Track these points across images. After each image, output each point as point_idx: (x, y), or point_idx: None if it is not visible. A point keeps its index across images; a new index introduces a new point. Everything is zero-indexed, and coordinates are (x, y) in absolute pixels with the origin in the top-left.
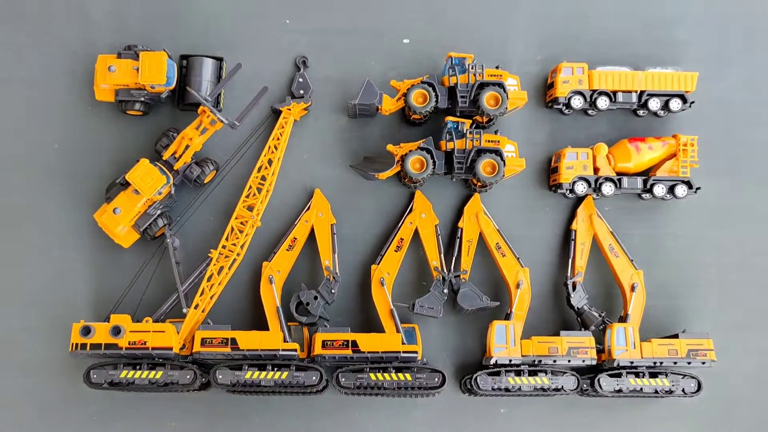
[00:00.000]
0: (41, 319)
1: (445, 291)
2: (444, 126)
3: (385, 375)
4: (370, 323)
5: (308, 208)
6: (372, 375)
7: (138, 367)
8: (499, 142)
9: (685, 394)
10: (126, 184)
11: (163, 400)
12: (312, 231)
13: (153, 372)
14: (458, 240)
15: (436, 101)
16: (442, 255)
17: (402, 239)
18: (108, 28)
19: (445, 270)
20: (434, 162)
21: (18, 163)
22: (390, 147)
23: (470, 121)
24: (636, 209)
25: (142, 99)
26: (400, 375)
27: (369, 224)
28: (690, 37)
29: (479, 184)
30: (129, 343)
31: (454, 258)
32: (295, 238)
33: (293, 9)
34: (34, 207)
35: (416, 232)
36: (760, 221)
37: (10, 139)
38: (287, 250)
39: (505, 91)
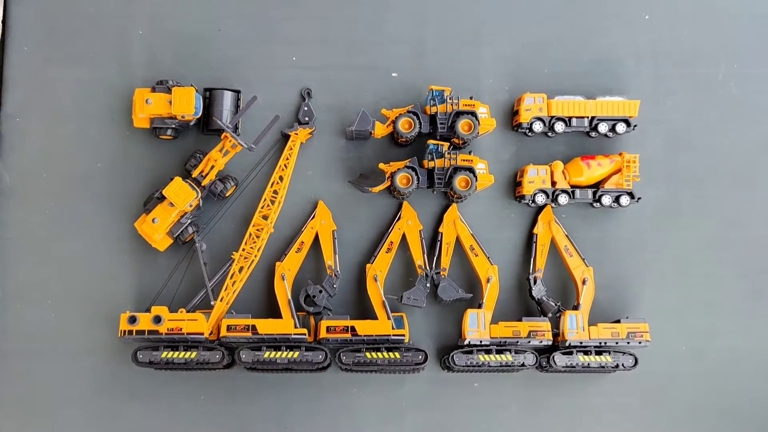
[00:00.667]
0: (93, 312)
1: (428, 285)
2: (426, 148)
3: (378, 354)
4: (365, 312)
5: (313, 217)
6: (367, 354)
7: (176, 348)
8: (472, 161)
9: (625, 368)
10: (162, 198)
11: (194, 378)
12: (317, 236)
13: (188, 353)
14: (439, 243)
15: (420, 127)
16: (425, 255)
17: (392, 242)
18: (143, 65)
19: (428, 268)
20: (418, 178)
21: (69, 183)
22: (381, 165)
23: (448, 143)
24: (588, 216)
25: (174, 126)
26: (391, 354)
27: (364, 230)
28: (633, 71)
29: (456, 196)
30: (167, 330)
31: (435, 258)
32: (303, 242)
33: (299, 48)
34: (83, 219)
35: (404, 237)
36: (690, 225)
37: (62, 162)
38: (296, 252)
39: (477, 118)
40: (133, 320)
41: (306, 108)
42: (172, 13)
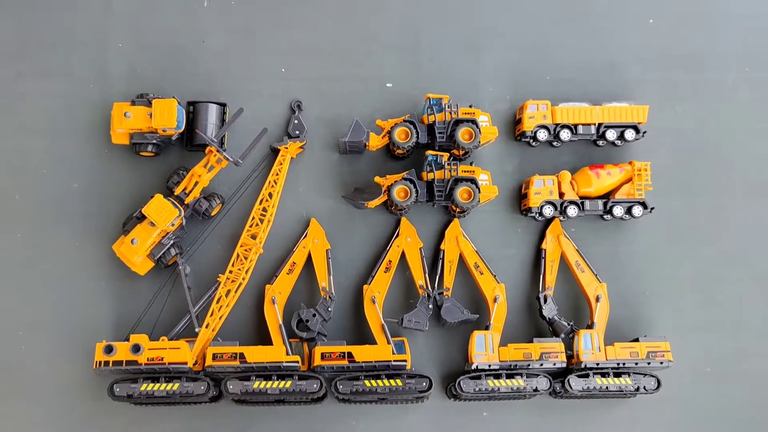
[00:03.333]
0: (67, 342)
1: (430, 306)
2: (425, 159)
3: (378, 381)
4: (363, 337)
5: (305, 236)
6: (366, 382)
7: (157, 380)
8: (474, 171)
9: (647, 391)
10: (142, 218)
11: (178, 414)
12: (309, 256)
13: (170, 384)
14: (440, 261)
15: (417, 137)
16: (427, 274)
17: (390, 261)
18: (122, 79)
19: (430, 288)
20: (417, 191)
21: (43, 204)
22: (377, 179)
23: (448, 154)
24: (599, 229)
25: (155, 141)
26: (392, 381)
27: (360, 249)
28: (641, 76)
29: (458, 210)
30: (148, 360)
31: (437, 277)
32: (294, 263)
33: (288, 59)
34: (57, 241)
35: (403, 255)
36: (708, 238)
37: (35, 182)
38: (287, 273)
39: (477, 126)
40: (109, 350)
41: (296, 121)
42: (152, 25)
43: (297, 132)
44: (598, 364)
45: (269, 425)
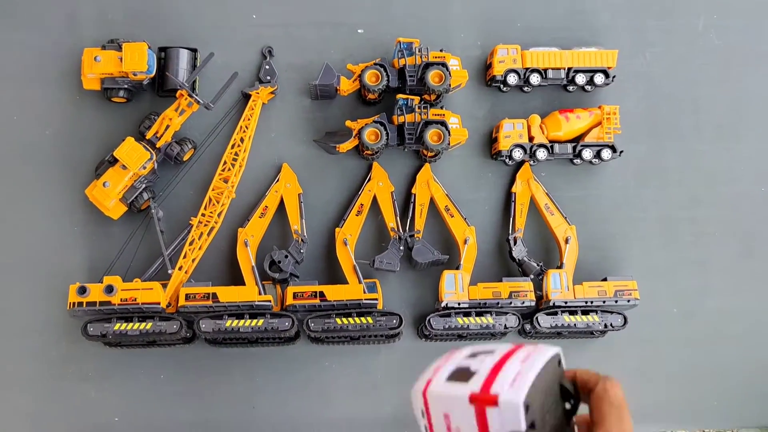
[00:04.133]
0: (41, 286)
1: (401, 248)
2: (396, 103)
3: (349, 319)
4: (335, 280)
5: (277, 180)
6: (338, 319)
7: (130, 320)
8: (444, 115)
9: (614, 328)
10: (114, 161)
11: (153, 356)
12: (282, 201)
13: (143, 323)
14: (412, 204)
15: (388, 80)
16: (398, 218)
17: (362, 205)
18: (92, 25)
19: (401, 230)
20: (387, 133)
21: (15, 152)
22: (348, 122)
23: (419, 98)
24: (568, 173)
25: (126, 86)
26: (362, 319)
27: (332, 193)
28: (609, 24)
29: (429, 154)
30: (121, 300)
31: (408, 220)
32: (267, 207)
33: (259, 5)
34: (30, 188)
35: (375, 199)
36: (676, 181)
37: (6, 130)
38: (260, 217)
39: (447, 69)
40: (82, 291)
41: (267, 67)
42: None
43: (268, 77)
44: (566, 302)
45: (243, 366)
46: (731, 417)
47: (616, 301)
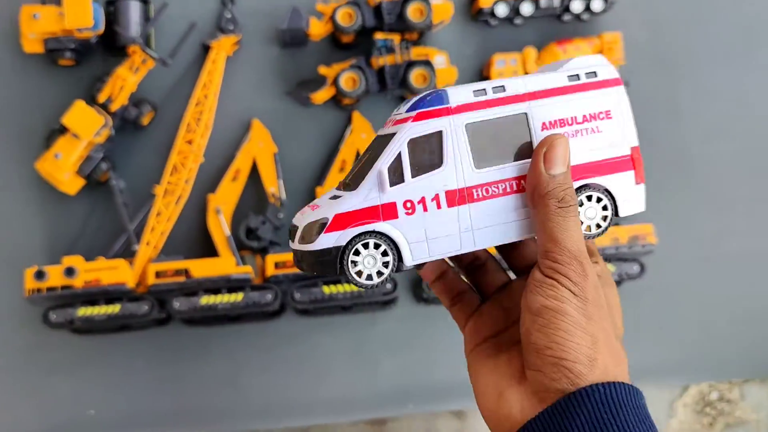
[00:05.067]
0: None
1: None
2: (374, 44)
3: (339, 287)
4: None
5: (248, 140)
6: (325, 288)
7: (95, 303)
8: (428, 54)
9: (630, 277)
10: (64, 129)
11: (126, 341)
12: (255, 162)
13: (110, 306)
14: None
15: (363, 20)
16: None
17: (344, 161)
18: None
19: None
20: (367, 79)
21: None
22: (322, 69)
23: (399, 36)
24: None
25: (72, 46)
26: (353, 286)
27: (311, 149)
28: None
29: None
30: (85, 283)
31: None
32: (239, 170)
33: None
34: None
35: (358, 154)
36: (687, 114)
37: None
38: (232, 181)
39: (428, 3)
40: (40, 276)
41: (228, 15)
42: None
43: (230, 26)
44: None
45: (225, 346)
46: (758, 366)
47: (631, 248)
